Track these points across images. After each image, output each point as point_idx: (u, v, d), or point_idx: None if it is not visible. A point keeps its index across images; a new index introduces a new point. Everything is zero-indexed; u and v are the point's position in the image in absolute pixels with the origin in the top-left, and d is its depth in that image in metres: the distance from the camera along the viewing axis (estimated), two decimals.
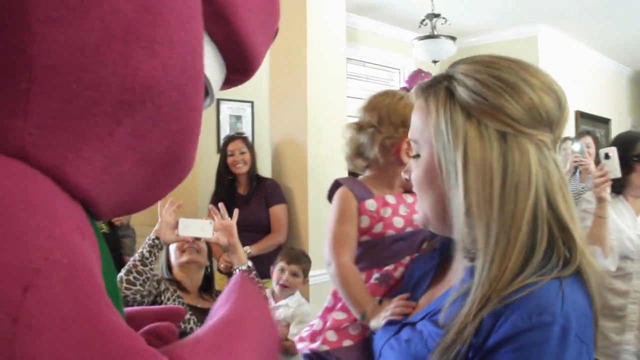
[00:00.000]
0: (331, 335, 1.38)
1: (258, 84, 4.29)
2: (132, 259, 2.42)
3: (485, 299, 0.90)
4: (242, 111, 4.84)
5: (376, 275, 1.42)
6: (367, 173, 1.58)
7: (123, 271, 2.36)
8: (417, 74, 6.37)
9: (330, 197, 1.56)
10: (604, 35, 7.06)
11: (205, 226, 2.51)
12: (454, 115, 0.97)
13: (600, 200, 2.59)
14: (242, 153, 3.85)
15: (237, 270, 2.55)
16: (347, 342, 1.36)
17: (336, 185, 1.55)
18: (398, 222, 1.47)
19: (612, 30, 6.83)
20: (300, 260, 3.16)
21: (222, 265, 3.49)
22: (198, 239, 2.54)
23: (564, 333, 0.86)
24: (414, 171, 1.07)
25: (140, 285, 2.34)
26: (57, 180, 0.53)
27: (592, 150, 4.17)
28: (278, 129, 4.18)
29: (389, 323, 1.17)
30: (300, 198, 3.97)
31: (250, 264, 2.59)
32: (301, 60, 3.93)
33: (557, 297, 0.88)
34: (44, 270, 0.45)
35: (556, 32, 6.72)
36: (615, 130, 7.90)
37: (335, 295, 1.48)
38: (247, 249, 3.46)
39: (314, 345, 1.39)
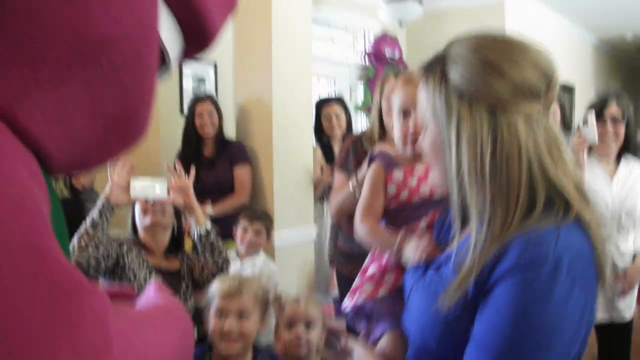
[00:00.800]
0: (367, 287, 1.51)
1: (221, 45, 4.22)
2: (82, 223, 2.37)
3: (487, 246, 1.06)
4: (205, 73, 4.79)
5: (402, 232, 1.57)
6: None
7: (75, 237, 2.31)
8: (383, 37, 6.40)
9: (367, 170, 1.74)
10: (570, 0, 7.10)
11: (158, 187, 2.46)
12: (448, 96, 1.11)
13: (578, 164, 2.72)
14: (210, 115, 3.81)
15: (195, 232, 2.53)
16: (382, 292, 1.49)
17: (370, 159, 1.73)
18: (424, 190, 1.64)
19: None
20: (262, 219, 3.18)
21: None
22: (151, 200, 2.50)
23: (556, 268, 1.00)
24: (424, 143, 1.22)
25: (93, 249, 2.30)
26: (8, 123, 0.52)
27: (558, 117, 4.20)
28: (242, 90, 4.13)
29: (418, 266, 1.32)
30: (266, 159, 3.95)
31: (209, 224, 2.58)
32: (266, 21, 3.87)
33: (552, 237, 1.03)
34: None
35: None
36: (579, 98, 8.00)
37: (371, 256, 1.63)
38: (208, 208, 3.45)
39: (354, 300, 1.52)
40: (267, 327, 2.17)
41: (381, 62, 5.94)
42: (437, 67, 1.14)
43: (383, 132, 2.81)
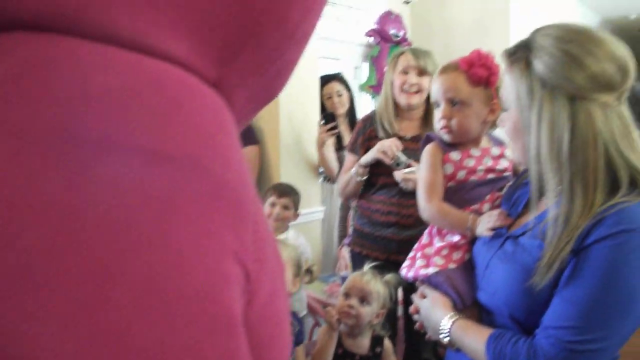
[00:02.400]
0: (438, 260, 1.62)
1: None
2: None
3: (577, 220, 1.19)
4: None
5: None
6: None
7: None
8: (387, 15, 6.39)
9: (421, 150, 1.80)
10: None
11: None
12: (532, 83, 1.23)
13: None
14: None
15: None
16: (451, 265, 1.60)
17: (427, 140, 1.79)
18: (480, 171, 1.71)
19: None
20: (290, 193, 3.17)
21: None
22: None
23: None
24: (506, 123, 1.37)
25: None
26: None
27: None
28: None
29: (494, 236, 1.45)
30: (272, 139, 3.94)
31: None
32: None
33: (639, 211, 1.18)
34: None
35: None
36: None
37: (430, 232, 1.74)
38: None
39: (425, 271, 1.63)
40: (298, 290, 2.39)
41: (386, 41, 5.92)
42: (522, 55, 1.27)
43: (397, 108, 2.83)
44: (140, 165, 0.39)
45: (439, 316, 1.49)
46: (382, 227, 2.78)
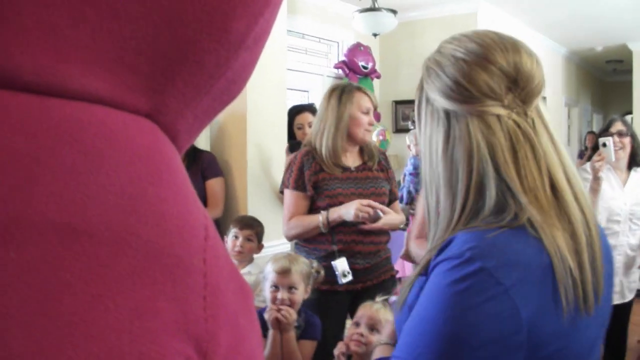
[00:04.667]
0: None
1: None
2: None
3: (436, 242, 1.08)
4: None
5: None
6: None
7: None
8: (356, 47, 6.41)
9: None
10: (542, 13, 7.17)
11: None
12: (420, 100, 1.19)
13: (597, 178, 3.39)
14: None
15: None
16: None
17: None
18: None
19: (549, 8, 6.94)
20: (253, 225, 3.13)
21: None
22: None
23: (479, 271, 0.93)
24: None
25: None
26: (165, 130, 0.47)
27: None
28: None
29: None
30: (240, 171, 3.90)
31: None
32: None
33: (481, 239, 0.98)
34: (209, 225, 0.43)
35: (495, 8, 6.79)
36: (550, 108, 8.08)
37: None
38: None
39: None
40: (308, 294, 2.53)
41: (355, 72, 5.93)
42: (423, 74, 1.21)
43: (339, 143, 2.91)
44: (54, 245, 0.33)
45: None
46: (338, 276, 2.80)
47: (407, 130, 5.81)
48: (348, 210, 2.74)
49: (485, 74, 1.06)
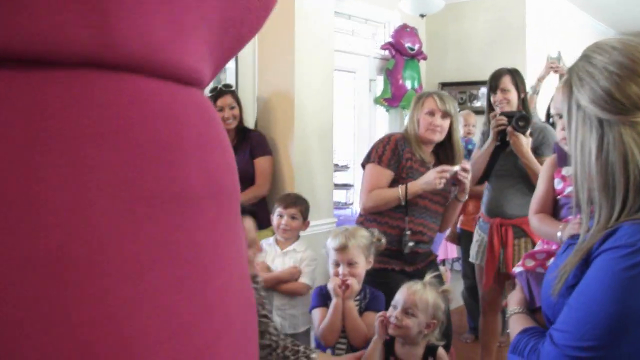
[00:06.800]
0: (528, 262, 1.72)
1: None
2: None
3: (595, 234, 1.23)
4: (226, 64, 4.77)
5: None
6: None
7: None
8: (403, 28, 6.37)
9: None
10: None
11: None
12: (570, 105, 1.30)
13: None
14: (232, 108, 3.78)
15: None
16: (540, 269, 1.68)
17: (556, 147, 1.93)
18: None
19: None
20: (297, 203, 3.20)
21: None
22: None
23: None
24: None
25: None
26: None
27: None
28: (264, 82, 4.16)
29: (571, 244, 1.45)
30: (286, 151, 3.98)
31: None
32: (289, 13, 3.90)
33: None
34: None
35: None
36: None
37: (542, 240, 1.96)
38: None
39: (516, 269, 1.75)
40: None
41: (401, 54, 5.95)
42: (568, 78, 1.33)
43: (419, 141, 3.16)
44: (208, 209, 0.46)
45: (509, 308, 1.61)
46: (404, 244, 3.01)
47: None
48: (428, 181, 2.94)
49: (636, 87, 1.20)
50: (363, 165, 3.21)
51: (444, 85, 6.63)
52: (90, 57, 0.39)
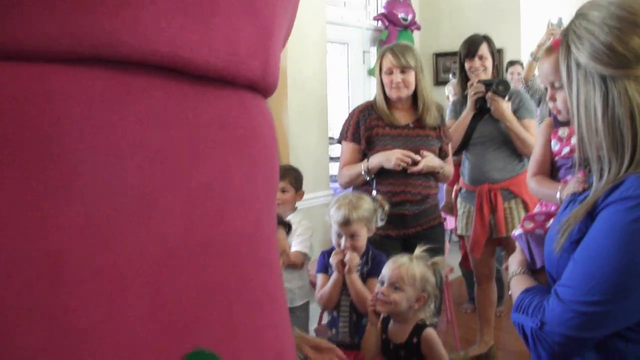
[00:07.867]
0: (527, 224, 1.72)
1: None
2: None
3: (602, 188, 1.21)
4: None
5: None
6: None
7: None
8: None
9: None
10: None
11: None
12: (569, 66, 1.28)
13: None
14: None
15: None
16: (539, 231, 1.68)
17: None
18: None
19: None
20: (285, 175, 3.12)
21: None
22: None
23: None
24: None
25: None
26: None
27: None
28: None
29: (571, 202, 1.44)
30: (280, 125, 3.96)
31: None
32: None
33: None
34: None
35: None
36: None
37: (540, 202, 1.94)
38: None
39: (515, 232, 1.74)
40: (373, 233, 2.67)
41: (394, 25, 5.90)
42: (564, 38, 1.31)
43: (387, 101, 3.11)
44: None
45: (510, 270, 1.61)
46: (395, 206, 2.94)
47: (447, 83, 5.78)
48: (389, 158, 2.93)
49: (638, 39, 1.18)
50: (339, 143, 3.23)
51: (438, 55, 6.59)
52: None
